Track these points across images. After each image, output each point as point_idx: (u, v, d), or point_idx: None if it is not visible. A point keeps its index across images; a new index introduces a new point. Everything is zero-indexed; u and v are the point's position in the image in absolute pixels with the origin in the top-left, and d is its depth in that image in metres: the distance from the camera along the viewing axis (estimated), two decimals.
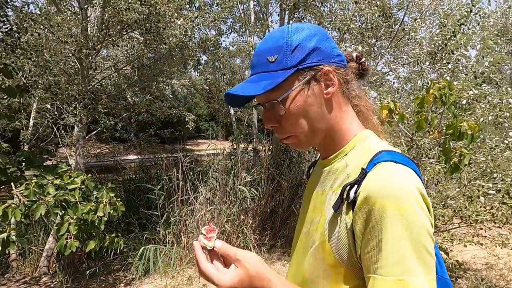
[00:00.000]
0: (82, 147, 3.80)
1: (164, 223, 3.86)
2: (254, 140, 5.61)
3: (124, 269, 3.62)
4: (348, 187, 0.53)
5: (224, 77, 6.06)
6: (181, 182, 3.97)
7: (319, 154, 0.81)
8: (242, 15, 6.28)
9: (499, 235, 2.31)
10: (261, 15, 6.46)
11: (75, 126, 3.76)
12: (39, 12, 3.41)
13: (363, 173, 0.53)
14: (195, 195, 4.01)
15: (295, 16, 4.35)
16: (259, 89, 0.57)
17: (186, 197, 3.99)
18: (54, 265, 3.65)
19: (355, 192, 0.52)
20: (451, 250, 2.53)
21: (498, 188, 1.91)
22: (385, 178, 0.50)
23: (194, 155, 5.98)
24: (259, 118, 5.97)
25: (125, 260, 3.77)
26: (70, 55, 3.50)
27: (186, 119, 5.24)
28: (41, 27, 3.27)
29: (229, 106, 6.18)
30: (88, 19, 3.60)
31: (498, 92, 2.44)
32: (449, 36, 2.56)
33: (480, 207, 2.10)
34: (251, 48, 4.93)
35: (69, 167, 2.76)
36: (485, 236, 2.48)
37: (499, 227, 2.18)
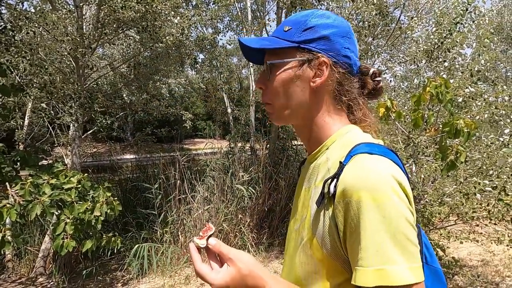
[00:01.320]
0: (78, 147, 3.77)
1: (161, 222, 3.85)
2: (252, 139, 5.61)
3: (121, 268, 3.61)
4: (328, 182, 0.54)
5: (221, 75, 6.04)
6: (178, 181, 3.96)
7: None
8: (239, 13, 6.26)
9: (495, 231, 2.33)
10: (258, 14, 6.44)
11: (71, 125, 3.73)
12: (33, 10, 3.37)
13: (341, 166, 0.53)
14: (192, 194, 4.00)
15: (292, 14, 4.34)
16: (257, 44, 0.62)
17: (183, 196, 3.98)
18: (50, 266, 3.63)
19: (335, 186, 0.52)
20: (447, 247, 2.55)
21: (495, 185, 1.93)
22: (360, 169, 0.50)
23: (191, 154, 5.96)
24: (256, 117, 5.97)
25: (122, 259, 3.75)
26: (66, 53, 3.46)
27: (183, 118, 5.22)
28: (36, 25, 3.23)
29: (226, 105, 6.19)
30: (83, 17, 3.56)
31: (493, 90, 2.46)
32: (445, 35, 2.57)
33: (476, 204, 2.12)
34: None
35: (65, 166, 2.73)
36: (481, 233, 2.51)
37: (495, 223, 2.20)
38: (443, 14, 2.87)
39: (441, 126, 1.84)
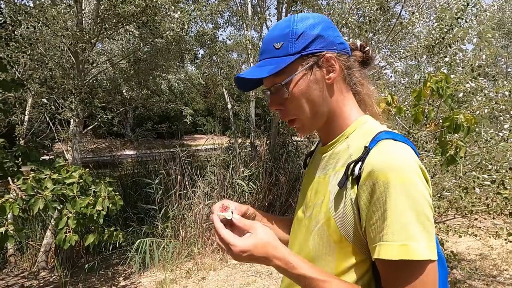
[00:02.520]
0: (79, 142, 3.78)
1: (162, 217, 3.87)
2: (252, 134, 5.62)
3: (123, 263, 3.64)
4: (352, 164, 0.57)
5: (222, 71, 6.03)
6: (179, 177, 3.98)
7: (314, 145, 0.83)
8: (239, 8, 6.22)
9: (494, 225, 2.35)
10: (259, 9, 6.40)
11: (72, 120, 3.73)
12: (32, 5, 3.35)
13: (367, 150, 0.56)
14: (193, 189, 4.02)
15: (293, 9, 4.32)
16: (265, 73, 0.61)
17: (184, 191, 4.00)
18: (52, 260, 3.66)
19: (360, 168, 0.55)
20: (446, 241, 2.58)
21: (493, 179, 1.94)
22: (387, 153, 0.53)
23: (191, 150, 5.97)
24: (257, 113, 5.97)
25: (124, 254, 3.78)
26: (66, 48, 3.45)
27: (184, 113, 5.22)
28: (36, 20, 3.22)
29: (226, 100, 6.19)
30: (82, 12, 3.54)
31: (494, 85, 2.46)
32: (446, 30, 2.57)
33: (476, 198, 2.14)
34: (248, 41, 4.91)
35: (66, 161, 2.74)
36: (480, 227, 2.53)
37: (493, 218, 2.22)
38: (444, 9, 2.86)
39: (441, 121, 1.85)
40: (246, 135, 5.90)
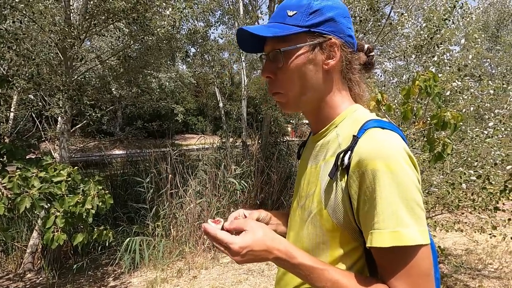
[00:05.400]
0: (67, 140, 3.70)
1: (153, 216, 3.83)
2: (244, 133, 5.62)
3: (113, 263, 3.58)
4: (342, 154, 0.57)
5: (213, 69, 6.00)
6: (170, 176, 3.94)
7: (307, 136, 0.84)
8: (231, 7, 6.21)
9: (479, 219, 2.42)
10: (250, 7, 6.41)
11: (59, 118, 3.64)
12: None
13: (355, 139, 0.56)
14: (184, 188, 3.99)
15: None
16: (269, 33, 0.60)
17: (175, 190, 3.96)
18: (39, 261, 3.57)
19: (349, 158, 0.55)
20: (434, 236, 2.64)
21: (479, 175, 2.00)
22: (375, 141, 0.53)
23: (182, 149, 5.92)
24: (248, 111, 5.97)
25: (114, 254, 3.72)
26: (53, 44, 3.37)
27: (175, 111, 5.17)
28: (22, 14, 3.13)
29: (218, 99, 6.16)
30: (70, 8, 3.47)
31: (479, 84, 2.54)
32: (434, 30, 2.63)
33: (462, 192, 2.20)
34: None
35: (54, 160, 2.68)
36: (466, 223, 2.61)
37: (479, 213, 2.29)
38: (432, 11, 2.93)
39: (429, 119, 1.89)
40: (238, 134, 5.89)
